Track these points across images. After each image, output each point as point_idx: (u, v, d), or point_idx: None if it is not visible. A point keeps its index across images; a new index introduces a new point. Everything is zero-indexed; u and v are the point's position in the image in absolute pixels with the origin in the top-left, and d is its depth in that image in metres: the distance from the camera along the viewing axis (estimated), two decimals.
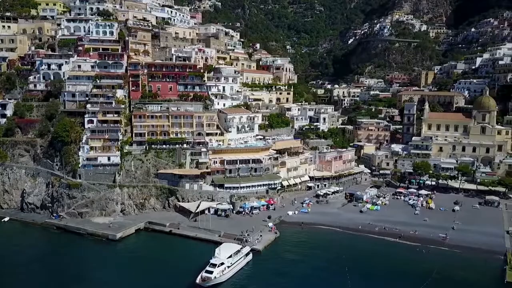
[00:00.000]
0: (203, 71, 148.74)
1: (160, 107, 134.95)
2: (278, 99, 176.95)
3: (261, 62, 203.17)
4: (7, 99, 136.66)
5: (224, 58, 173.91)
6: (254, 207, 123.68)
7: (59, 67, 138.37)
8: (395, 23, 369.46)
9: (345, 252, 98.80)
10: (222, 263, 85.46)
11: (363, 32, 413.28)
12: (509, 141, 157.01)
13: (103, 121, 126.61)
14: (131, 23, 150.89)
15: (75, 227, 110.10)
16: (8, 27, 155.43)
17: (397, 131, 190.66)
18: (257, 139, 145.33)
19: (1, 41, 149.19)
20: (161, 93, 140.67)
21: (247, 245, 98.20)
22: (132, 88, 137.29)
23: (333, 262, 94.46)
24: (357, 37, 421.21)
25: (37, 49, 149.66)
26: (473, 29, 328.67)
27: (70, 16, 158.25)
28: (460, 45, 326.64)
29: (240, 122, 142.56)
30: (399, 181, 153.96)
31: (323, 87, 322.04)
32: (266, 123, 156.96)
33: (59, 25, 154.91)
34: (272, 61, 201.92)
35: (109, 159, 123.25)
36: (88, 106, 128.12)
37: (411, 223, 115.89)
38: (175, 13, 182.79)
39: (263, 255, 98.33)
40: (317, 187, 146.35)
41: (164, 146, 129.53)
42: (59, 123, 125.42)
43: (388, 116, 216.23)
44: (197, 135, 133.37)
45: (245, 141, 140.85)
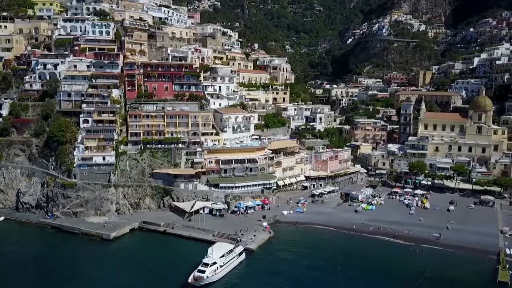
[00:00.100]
0: (199, 71, 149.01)
1: (155, 107, 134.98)
2: (274, 99, 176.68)
3: (258, 62, 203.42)
4: (2, 98, 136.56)
5: (220, 58, 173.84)
6: (249, 207, 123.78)
7: (55, 67, 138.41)
8: (393, 23, 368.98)
9: (338, 251, 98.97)
10: (214, 263, 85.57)
11: (361, 32, 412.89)
12: (505, 141, 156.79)
13: (98, 121, 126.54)
14: (128, 23, 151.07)
15: (70, 227, 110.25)
16: (4, 27, 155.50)
17: (394, 131, 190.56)
18: (253, 139, 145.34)
19: None
20: (157, 93, 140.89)
21: (241, 244, 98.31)
22: (127, 88, 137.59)
23: (327, 261, 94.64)
24: (355, 37, 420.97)
25: (34, 49, 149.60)
26: (472, 29, 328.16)
27: (66, 16, 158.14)
28: (458, 45, 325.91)
29: (235, 122, 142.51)
30: (395, 181, 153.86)
31: (321, 87, 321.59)
32: (262, 123, 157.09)
33: (56, 25, 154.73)
34: (269, 61, 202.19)
35: (104, 158, 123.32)
36: (83, 106, 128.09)
37: (406, 223, 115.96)
38: (172, 13, 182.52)
39: (256, 255, 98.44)
40: (313, 187, 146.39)
41: (159, 146, 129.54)
42: (54, 123, 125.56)
43: (385, 116, 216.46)
44: (193, 134, 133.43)
45: (240, 141, 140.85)
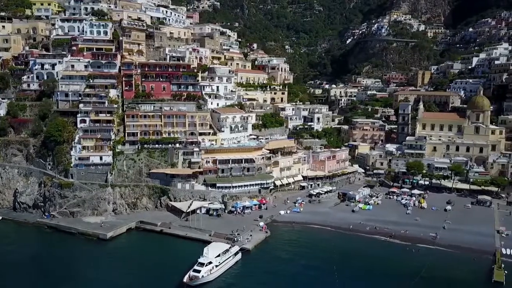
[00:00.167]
0: (197, 71, 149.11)
1: (153, 106, 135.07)
2: (272, 99, 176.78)
3: (256, 62, 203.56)
4: (0, 98, 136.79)
5: (218, 58, 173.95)
6: (246, 207, 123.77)
7: (53, 66, 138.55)
8: (393, 23, 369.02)
9: (335, 251, 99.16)
10: (210, 262, 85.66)
11: (361, 32, 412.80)
12: (503, 141, 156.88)
13: (95, 121, 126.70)
14: (125, 23, 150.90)
15: (66, 227, 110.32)
16: (2, 27, 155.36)
17: (392, 131, 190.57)
18: (250, 139, 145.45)
19: None
20: (155, 93, 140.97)
21: (237, 244, 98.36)
22: (125, 87, 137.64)
23: (323, 261, 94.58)
24: (355, 37, 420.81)
25: (31, 49, 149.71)
26: (471, 29, 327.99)
27: (64, 16, 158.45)
28: (458, 45, 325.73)
29: (233, 122, 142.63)
30: (392, 181, 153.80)
31: (321, 87, 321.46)
32: (260, 122, 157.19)
33: (54, 25, 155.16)
34: (267, 61, 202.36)
35: (101, 158, 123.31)
36: (80, 105, 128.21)
37: (403, 223, 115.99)
38: (170, 13, 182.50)
39: (252, 254, 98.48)
40: (310, 187, 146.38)
41: (156, 145, 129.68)
42: (51, 122, 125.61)
43: (384, 116, 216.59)
44: (190, 134, 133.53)
45: (238, 141, 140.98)
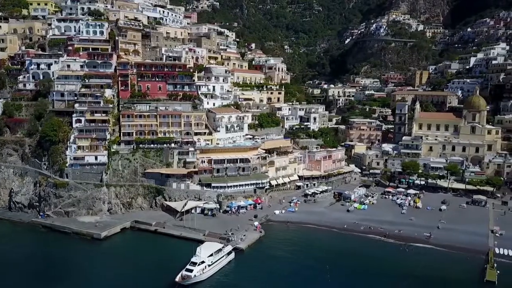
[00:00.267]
0: (193, 70, 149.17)
1: (148, 106, 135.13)
2: (269, 99, 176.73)
3: (254, 61, 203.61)
4: None
5: (215, 58, 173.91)
6: (241, 206, 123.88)
7: (49, 66, 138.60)
8: (391, 23, 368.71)
9: (328, 250, 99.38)
10: (202, 262, 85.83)
11: (359, 32, 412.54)
12: (499, 141, 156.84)
13: (91, 121, 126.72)
14: (122, 23, 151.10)
15: (61, 226, 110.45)
16: None
17: (389, 131, 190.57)
18: (246, 139, 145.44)
19: None
20: (151, 93, 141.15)
21: (230, 244, 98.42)
22: (121, 87, 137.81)
23: (316, 260, 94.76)
24: (354, 37, 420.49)
25: (28, 48, 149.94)
26: (469, 29, 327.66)
27: (61, 16, 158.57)
28: (456, 45, 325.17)
29: (229, 121, 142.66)
30: (388, 181, 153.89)
31: (319, 87, 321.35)
32: (256, 122, 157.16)
33: (50, 24, 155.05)
34: (264, 61, 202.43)
35: (96, 158, 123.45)
36: (76, 105, 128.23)
37: (397, 222, 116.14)
38: (167, 13, 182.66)
39: (246, 254, 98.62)
40: (306, 187, 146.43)
41: (152, 145, 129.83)
42: (47, 122, 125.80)
43: (381, 115, 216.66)
44: (185, 134, 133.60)
45: (233, 141, 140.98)
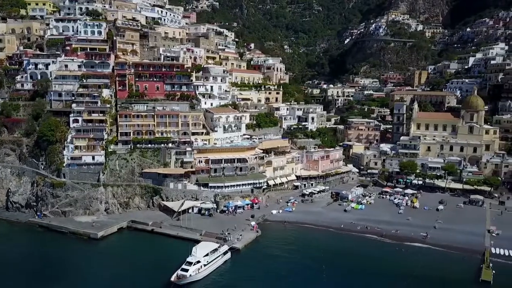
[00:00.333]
0: (191, 70, 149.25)
1: (146, 106, 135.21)
2: (267, 99, 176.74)
3: (252, 62, 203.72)
4: None
5: (213, 57, 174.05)
6: (238, 206, 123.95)
7: (46, 66, 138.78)
8: (390, 23, 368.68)
9: (325, 250, 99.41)
10: (198, 261, 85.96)
11: (359, 32, 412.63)
12: (497, 141, 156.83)
13: (88, 121, 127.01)
14: (120, 23, 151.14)
15: (58, 226, 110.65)
16: None
17: (387, 131, 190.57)
18: (244, 139, 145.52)
19: None
20: (148, 93, 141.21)
21: (227, 244, 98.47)
22: (118, 87, 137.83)
23: (312, 260, 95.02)
24: (353, 37, 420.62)
25: (26, 48, 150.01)
26: (469, 29, 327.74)
27: (59, 16, 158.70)
28: (455, 45, 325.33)
29: (227, 121, 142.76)
30: (386, 181, 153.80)
31: (318, 87, 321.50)
32: (254, 122, 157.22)
33: (48, 24, 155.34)
34: (263, 61, 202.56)
35: (93, 158, 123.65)
36: (73, 105, 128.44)
37: (394, 222, 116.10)
38: (165, 13, 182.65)
39: (242, 254, 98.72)
40: (304, 186, 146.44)
41: (149, 145, 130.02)
42: (44, 122, 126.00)
43: (380, 115, 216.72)
44: (183, 134, 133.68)
45: (231, 141, 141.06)
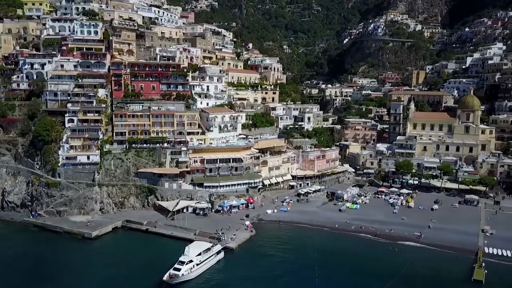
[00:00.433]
0: (187, 70, 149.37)
1: (141, 106, 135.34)
2: (263, 99, 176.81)
3: (249, 61, 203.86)
4: None
5: (210, 57, 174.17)
6: (233, 206, 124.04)
7: (42, 66, 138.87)
8: (389, 23, 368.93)
9: (319, 250, 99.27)
10: (190, 261, 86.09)
11: (358, 32, 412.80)
12: (493, 140, 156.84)
13: (83, 120, 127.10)
14: (116, 23, 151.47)
15: (52, 226, 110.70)
16: None
17: (384, 131, 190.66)
18: (240, 138, 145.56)
19: None
20: (144, 93, 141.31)
21: (220, 243, 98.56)
22: (114, 87, 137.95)
23: (305, 259, 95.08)
24: (352, 37, 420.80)
25: (22, 48, 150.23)
26: (467, 29, 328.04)
27: (55, 15, 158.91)
28: (454, 45, 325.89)
29: (222, 121, 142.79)
30: (382, 180, 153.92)
31: (317, 87, 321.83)
32: (250, 122, 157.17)
33: (44, 24, 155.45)
34: (260, 61, 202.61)
35: (88, 158, 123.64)
36: (69, 105, 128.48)
37: (389, 222, 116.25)
38: (162, 12, 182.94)
39: (236, 253, 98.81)
40: (299, 186, 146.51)
41: (144, 145, 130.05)
42: (39, 122, 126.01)
43: (377, 115, 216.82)
44: (178, 134, 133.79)
45: (227, 140, 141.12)
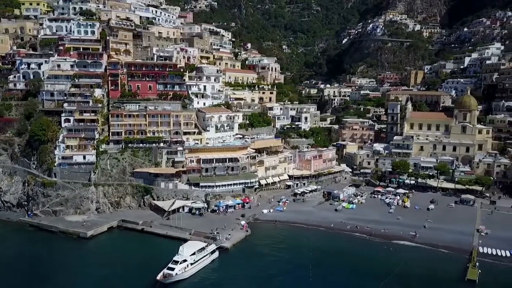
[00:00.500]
0: (184, 70, 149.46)
1: (138, 106, 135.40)
2: (261, 99, 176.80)
3: (247, 61, 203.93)
4: None
5: (207, 57, 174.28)
6: (229, 206, 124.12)
7: (39, 66, 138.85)
8: (388, 23, 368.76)
9: (314, 249, 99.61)
10: (184, 260, 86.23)
11: (356, 32, 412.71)
12: (490, 140, 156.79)
13: (79, 120, 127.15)
14: (113, 23, 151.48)
15: (48, 225, 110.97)
16: None
17: (382, 130, 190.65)
18: (236, 138, 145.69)
19: None
20: (141, 92, 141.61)
21: (215, 243, 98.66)
22: (111, 87, 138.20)
23: (300, 258, 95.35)
24: (351, 37, 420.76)
25: (19, 48, 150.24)
26: (466, 29, 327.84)
27: (53, 15, 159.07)
28: (453, 45, 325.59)
29: (219, 121, 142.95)
30: (379, 180, 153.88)
31: (316, 86, 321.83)
32: (247, 122, 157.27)
33: (42, 24, 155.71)
34: (258, 61, 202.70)
35: (84, 157, 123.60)
36: (65, 105, 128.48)
37: (384, 222, 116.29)
38: (160, 12, 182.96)
39: (230, 253, 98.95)
40: (296, 186, 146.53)
41: (141, 145, 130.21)
42: (36, 122, 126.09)
43: (375, 115, 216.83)
44: (174, 134, 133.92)
45: (223, 140, 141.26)
